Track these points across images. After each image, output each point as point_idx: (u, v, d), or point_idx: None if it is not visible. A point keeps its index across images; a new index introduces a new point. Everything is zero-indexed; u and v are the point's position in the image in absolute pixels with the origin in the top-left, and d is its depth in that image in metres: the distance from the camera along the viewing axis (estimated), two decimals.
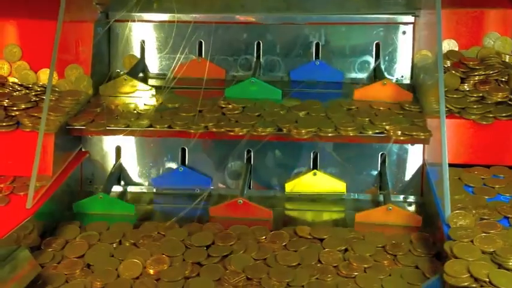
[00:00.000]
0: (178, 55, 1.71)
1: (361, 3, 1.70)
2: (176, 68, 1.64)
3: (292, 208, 1.53)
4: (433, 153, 1.43)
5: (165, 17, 1.72)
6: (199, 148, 1.59)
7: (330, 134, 1.42)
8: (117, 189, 1.60)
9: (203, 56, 1.72)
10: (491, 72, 1.52)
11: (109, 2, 1.69)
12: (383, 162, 1.56)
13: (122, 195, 1.59)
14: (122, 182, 1.62)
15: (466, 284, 1.05)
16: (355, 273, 1.23)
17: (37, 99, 1.54)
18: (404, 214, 1.43)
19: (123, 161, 1.61)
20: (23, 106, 1.50)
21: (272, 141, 1.50)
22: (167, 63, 1.74)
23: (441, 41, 1.36)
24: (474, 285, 1.04)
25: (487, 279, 1.04)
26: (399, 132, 1.42)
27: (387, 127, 1.43)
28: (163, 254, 1.28)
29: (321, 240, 1.34)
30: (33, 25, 1.67)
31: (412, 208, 1.52)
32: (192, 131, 1.45)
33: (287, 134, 1.44)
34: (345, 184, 1.51)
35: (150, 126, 1.47)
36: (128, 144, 1.61)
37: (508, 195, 1.34)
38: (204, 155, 1.60)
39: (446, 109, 1.36)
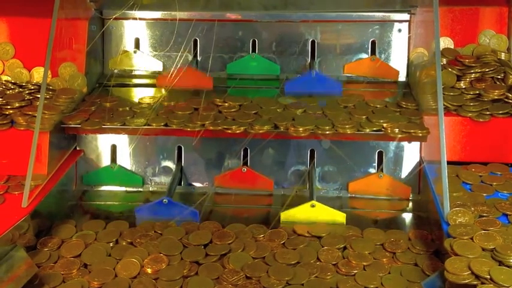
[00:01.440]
0: (173, 53, 1.70)
1: (357, 1, 1.69)
2: (161, 77, 1.63)
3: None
4: (430, 150, 1.43)
5: (159, 14, 1.71)
6: (196, 146, 1.58)
7: (327, 132, 1.42)
8: (112, 188, 1.59)
9: (198, 54, 1.71)
10: (487, 69, 1.53)
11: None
12: (380, 159, 1.55)
13: (117, 194, 1.58)
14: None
15: (467, 281, 1.05)
16: (355, 271, 1.23)
17: (31, 97, 1.52)
18: (394, 183, 1.45)
19: (119, 159, 1.60)
20: (17, 104, 1.48)
21: (269, 139, 1.49)
22: (162, 61, 1.73)
23: (439, 39, 1.36)
24: (475, 282, 1.04)
25: (488, 276, 1.04)
26: (396, 130, 1.42)
27: (384, 125, 1.43)
28: (160, 253, 1.27)
29: (320, 238, 1.34)
30: (26, 23, 1.66)
31: (410, 206, 1.51)
32: (189, 129, 1.44)
33: (284, 132, 1.43)
34: (344, 215, 1.42)
35: (146, 124, 1.45)
36: (124, 143, 1.59)
37: (506, 192, 1.34)
38: (201, 153, 1.59)
39: (443, 107, 1.36)
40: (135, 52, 1.68)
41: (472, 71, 1.53)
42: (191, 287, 1.18)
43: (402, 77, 1.69)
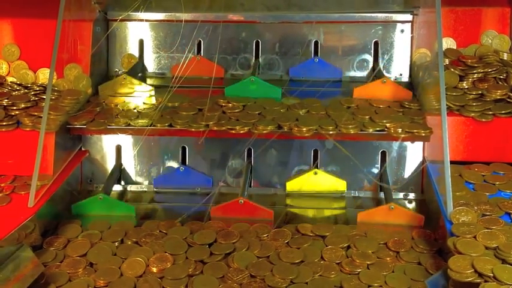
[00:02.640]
0: (177, 54, 1.71)
1: (360, 1, 1.70)
2: (175, 66, 1.63)
3: (294, 206, 1.53)
4: (433, 150, 1.44)
5: (163, 16, 1.73)
6: (200, 147, 1.59)
7: (330, 132, 1.43)
8: (117, 188, 1.60)
9: (202, 55, 1.72)
10: (489, 70, 1.53)
11: (108, 1, 1.69)
12: (383, 159, 1.56)
13: (122, 194, 1.59)
14: (122, 182, 1.61)
15: (470, 279, 1.05)
16: (359, 270, 1.23)
17: (36, 98, 1.53)
18: (406, 213, 1.43)
19: (123, 160, 1.61)
20: (23, 105, 1.49)
21: (272, 140, 1.50)
22: (166, 62, 1.74)
23: (441, 39, 1.37)
24: (478, 280, 1.05)
25: (491, 274, 1.05)
26: (400, 130, 1.42)
27: (387, 125, 1.44)
28: (166, 252, 1.28)
29: (323, 237, 1.35)
30: (31, 24, 1.67)
31: (413, 205, 1.52)
32: (193, 129, 1.45)
33: (288, 132, 1.44)
34: (345, 183, 1.52)
35: (151, 125, 1.46)
36: (128, 143, 1.60)
37: (508, 191, 1.35)
38: (205, 153, 1.60)
39: (446, 107, 1.37)
40: (124, 79, 1.62)
41: (474, 71, 1.53)
42: (196, 285, 1.19)
43: (405, 78, 1.70)
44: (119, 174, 1.60)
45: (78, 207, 1.47)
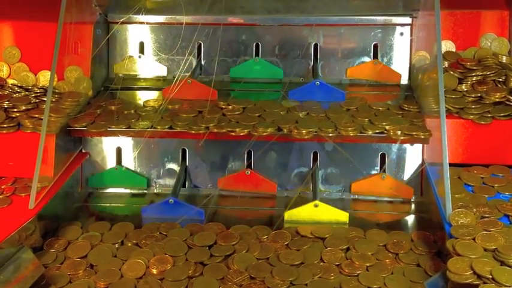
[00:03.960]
0: (177, 57, 1.72)
1: (359, 5, 1.71)
2: (166, 89, 1.61)
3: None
4: (432, 152, 1.44)
5: (164, 18, 1.73)
6: (200, 149, 1.60)
7: (330, 134, 1.43)
8: (117, 190, 1.60)
9: (202, 58, 1.73)
10: (488, 72, 1.54)
11: (108, 3, 1.70)
12: (383, 161, 1.57)
13: (122, 195, 1.59)
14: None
15: (469, 280, 1.06)
16: (358, 272, 1.24)
17: (37, 100, 1.54)
18: (397, 184, 1.46)
19: (124, 162, 1.61)
20: (24, 107, 1.50)
21: (272, 141, 1.51)
22: (166, 64, 1.75)
23: (440, 42, 1.38)
24: (477, 282, 1.05)
25: (490, 276, 1.05)
26: (399, 132, 1.43)
27: (387, 127, 1.44)
28: (166, 254, 1.29)
29: (323, 239, 1.35)
30: (32, 27, 1.67)
31: (412, 207, 1.53)
32: (193, 131, 1.45)
33: (288, 134, 1.45)
34: (347, 215, 1.44)
35: (151, 127, 1.47)
36: (129, 146, 1.61)
37: (507, 193, 1.36)
38: (205, 156, 1.60)
39: (445, 109, 1.37)
40: (139, 57, 1.70)
41: (473, 74, 1.54)
42: (196, 287, 1.20)
43: (404, 80, 1.70)
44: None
45: (93, 179, 1.54)
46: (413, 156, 1.56)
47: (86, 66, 1.63)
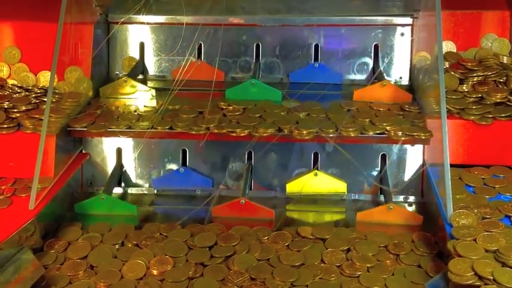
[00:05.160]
0: (177, 57, 1.72)
1: (360, 5, 1.71)
2: (176, 71, 1.63)
3: (294, 209, 1.53)
4: (433, 153, 1.44)
5: (164, 19, 1.73)
6: (200, 150, 1.59)
7: (331, 135, 1.43)
8: (117, 190, 1.60)
9: (202, 58, 1.73)
10: (489, 73, 1.54)
11: (109, 3, 1.69)
12: (383, 162, 1.57)
13: (123, 196, 1.59)
14: (123, 184, 1.62)
15: (470, 282, 1.06)
16: (359, 273, 1.24)
17: (37, 101, 1.53)
18: (405, 213, 1.44)
19: (124, 162, 1.61)
20: (24, 108, 1.50)
21: (273, 142, 1.50)
22: (166, 65, 1.75)
23: (441, 43, 1.38)
24: (478, 283, 1.05)
25: (491, 277, 1.05)
26: (400, 133, 1.43)
27: (388, 128, 1.44)
28: (166, 255, 1.28)
29: (324, 240, 1.35)
30: (32, 27, 1.67)
31: (413, 208, 1.52)
32: (194, 132, 1.45)
33: (288, 135, 1.45)
34: (345, 184, 1.52)
35: (152, 127, 1.47)
36: (129, 146, 1.61)
37: (508, 194, 1.35)
38: (205, 156, 1.60)
39: (446, 110, 1.37)
40: (125, 81, 1.63)
41: (474, 75, 1.54)
42: None
43: (405, 81, 1.70)
44: (120, 175, 1.60)
45: (80, 206, 1.48)
46: (414, 157, 1.56)
47: (86, 67, 1.63)
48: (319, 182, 1.52)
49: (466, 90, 1.52)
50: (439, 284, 1.13)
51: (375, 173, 1.57)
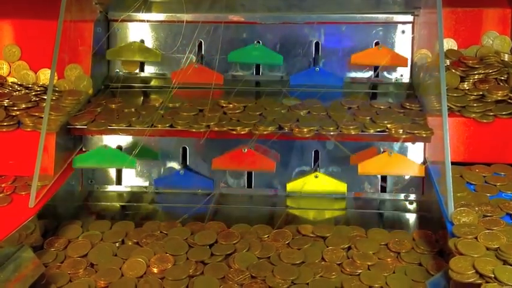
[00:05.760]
0: (178, 55, 1.71)
1: (361, 2, 1.70)
2: (174, 73, 1.61)
3: (294, 207, 1.53)
4: (434, 151, 1.44)
5: (164, 16, 1.72)
6: (201, 148, 1.59)
7: (332, 133, 1.43)
8: (118, 189, 1.60)
9: (203, 54, 1.72)
10: (490, 71, 1.53)
11: (109, 1, 1.69)
12: None
13: (123, 195, 1.59)
14: (123, 182, 1.61)
15: (471, 280, 1.05)
16: (359, 271, 1.24)
17: (37, 99, 1.53)
18: (405, 161, 1.45)
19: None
20: (24, 106, 1.49)
21: (273, 140, 1.50)
22: (167, 63, 1.74)
23: (442, 40, 1.37)
24: (479, 281, 1.05)
25: (492, 275, 1.04)
26: (401, 131, 1.42)
27: (388, 125, 1.44)
28: (166, 253, 1.28)
29: (324, 238, 1.35)
30: (32, 25, 1.67)
31: (414, 206, 1.52)
32: (194, 130, 1.45)
33: (289, 133, 1.44)
34: (345, 185, 1.50)
35: (151, 125, 1.46)
36: (129, 144, 1.60)
37: (509, 192, 1.35)
38: (205, 154, 1.60)
39: (447, 107, 1.37)
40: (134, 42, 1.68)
41: (475, 72, 1.53)
42: (197, 286, 1.19)
43: (406, 79, 1.69)
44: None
45: (78, 159, 1.48)
46: (415, 155, 1.55)
47: (86, 65, 1.62)
48: (319, 184, 1.50)
49: (467, 88, 1.52)
50: (439, 282, 1.13)
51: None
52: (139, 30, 1.74)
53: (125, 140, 1.60)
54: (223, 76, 1.61)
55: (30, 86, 1.58)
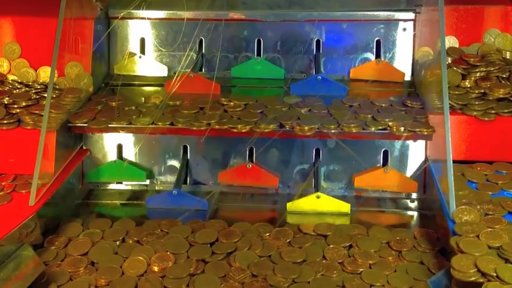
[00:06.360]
0: (178, 53, 1.71)
1: (362, 0, 1.70)
2: (168, 83, 1.60)
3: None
4: (436, 149, 1.43)
5: (165, 14, 1.72)
6: (201, 146, 1.59)
7: (333, 131, 1.42)
8: (118, 187, 1.60)
9: (204, 52, 1.72)
10: (492, 68, 1.53)
11: None
12: (385, 158, 1.56)
13: (123, 193, 1.59)
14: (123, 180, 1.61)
15: (473, 278, 1.05)
16: (361, 270, 1.23)
17: (37, 96, 1.53)
18: (401, 178, 1.46)
19: (125, 158, 1.61)
20: (24, 104, 1.49)
21: (274, 138, 1.50)
22: (167, 60, 1.74)
23: (444, 38, 1.36)
24: (481, 280, 1.05)
25: (494, 274, 1.04)
26: (402, 129, 1.42)
27: (390, 123, 1.43)
28: (167, 252, 1.28)
29: (325, 236, 1.34)
30: (32, 22, 1.66)
31: (415, 204, 1.52)
32: (195, 128, 1.44)
33: (290, 131, 1.44)
34: (349, 205, 1.46)
35: (152, 123, 1.46)
36: (130, 142, 1.60)
37: (511, 190, 1.34)
38: (206, 152, 1.59)
39: (448, 105, 1.36)
40: (140, 57, 1.69)
41: (477, 70, 1.53)
42: (198, 284, 1.19)
43: (407, 76, 1.69)
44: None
45: (92, 174, 1.55)
46: (417, 153, 1.55)
47: (86, 62, 1.62)
48: (321, 204, 1.46)
49: (469, 85, 1.51)
50: (441, 281, 1.12)
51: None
52: (140, 27, 1.73)
53: (125, 138, 1.59)
54: (220, 85, 1.59)
55: (30, 83, 1.58)
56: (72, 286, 1.19)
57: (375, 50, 1.69)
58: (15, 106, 1.48)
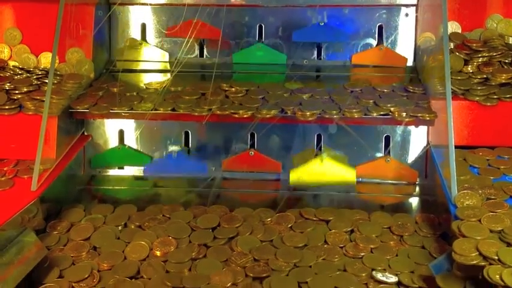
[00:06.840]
0: (179, 38, 1.70)
1: None
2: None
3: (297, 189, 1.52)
4: (438, 134, 1.43)
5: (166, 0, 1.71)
6: (203, 131, 1.59)
7: (334, 116, 1.42)
8: (120, 172, 1.60)
9: (204, 40, 1.71)
10: (494, 54, 1.52)
11: None
12: (387, 144, 1.56)
13: (124, 179, 1.59)
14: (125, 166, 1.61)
15: (474, 262, 1.05)
16: (362, 254, 1.23)
17: (39, 82, 1.53)
18: (401, 167, 1.47)
19: (126, 144, 1.60)
20: (25, 89, 1.49)
21: (275, 124, 1.49)
22: (168, 46, 1.73)
23: (447, 23, 1.36)
24: (483, 263, 1.05)
25: (496, 257, 1.04)
26: (404, 114, 1.42)
27: (392, 109, 1.43)
28: (169, 236, 1.28)
29: (327, 221, 1.34)
30: (33, 8, 1.66)
31: (417, 189, 1.52)
32: (196, 113, 1.44)
33: (291, 116, 1.44)
34: (354, 171, 1.48)
35: (154, 109, 1.46)
36: (131, 128, 1.60)
37: None
38: (208, 138, 1.59)
39: (451, 91, 1.36)
40: (141, 43, 1.69)
41: (479, 55, 1.52)
42: (200, 269, 1.19)
43: (409, 62, 1.68)
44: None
45: (96, 160, 1.55)
46: (418, 138, 1.55)
47: (87, 48, 1.62)
48: (325, 170, 1.48)
49: (471, 71, 1.51)
50: (443, 265, 1.12)
51: (379, 155, 1.56)
52: (141, 13, 1.73)
53: (126, 124, 1.59)
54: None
55: (31, 69, 1.58)
56: (75, 270, 1.20)
57: (377, 35, 1.69)
58: (17, 92, 1.48)
